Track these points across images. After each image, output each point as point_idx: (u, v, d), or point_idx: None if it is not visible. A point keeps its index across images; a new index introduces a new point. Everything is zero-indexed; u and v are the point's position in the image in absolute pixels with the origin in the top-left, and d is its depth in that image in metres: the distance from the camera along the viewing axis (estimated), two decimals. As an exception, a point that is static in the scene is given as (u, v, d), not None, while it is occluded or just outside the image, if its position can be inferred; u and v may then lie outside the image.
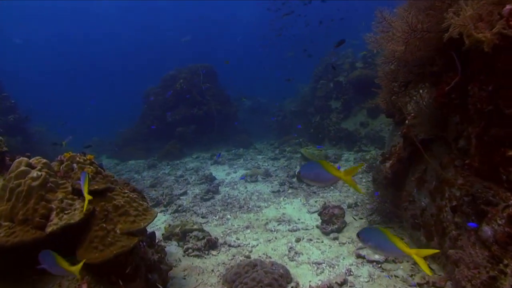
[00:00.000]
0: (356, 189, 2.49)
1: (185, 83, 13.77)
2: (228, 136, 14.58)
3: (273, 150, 12.75)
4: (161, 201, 7.73)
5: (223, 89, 15.27)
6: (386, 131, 10.60)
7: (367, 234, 2.38)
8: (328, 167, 2.32)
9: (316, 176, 2.37)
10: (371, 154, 9.58)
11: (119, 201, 3.13)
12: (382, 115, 11.16)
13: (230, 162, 11.41)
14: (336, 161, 9.75)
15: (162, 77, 14.84)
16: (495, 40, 2.20)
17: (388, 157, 5.78)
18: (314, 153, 10.15)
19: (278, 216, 6.24)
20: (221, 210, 6.92)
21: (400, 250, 2.17)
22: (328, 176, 2.31)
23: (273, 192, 7.71)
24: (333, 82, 13.41)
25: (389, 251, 2.27)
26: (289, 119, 16.03)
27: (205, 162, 11.94)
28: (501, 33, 2.18)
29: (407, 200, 4.75)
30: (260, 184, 8.49)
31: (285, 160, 10.84)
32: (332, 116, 12.55)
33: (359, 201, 6.42)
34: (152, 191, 9.03)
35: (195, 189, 8.82)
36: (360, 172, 8.28)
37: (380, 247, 2.27)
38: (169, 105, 13.89)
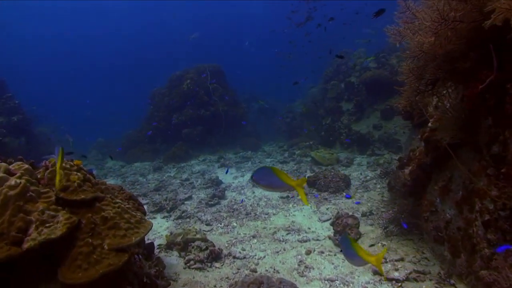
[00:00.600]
0: (304, 200, 2.59)
1: (192, 83, 13.49)
2: (236, 138, 14.26)
3: (282, 153, 12.39)
4: (165, 206, 7.42)
5: (231, 90, 14.94)
6: (401, 134, 10.19)
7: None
8: (280, 175, 2.42)
9: (269, 182, 2.48)
10: (385, 158, 9.17)
11: (109, 212, 2.81)
12: (396, 118, 10.74)
13: (237, 166, 11.07)
14: (348, 165, 9.35)
15: (169, 78, 14.59)
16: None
17: (406, 163, 5.39)
18: (325, 157, 9.76)
19: (287, 224, 5.89)
20: (226, 216, 6.58)
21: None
22: (280, 184, 2.42)
23: (281, 197, 7.35)
24: (344, 82, 13.01)
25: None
26: (299, 121, 15.65)
27: (211, 165, 11.63)
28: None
29: (428, 210, 4.36)
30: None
31: (295, 163, 10.47)
32: (344, 118, 12.15)
33: (374, 209, 6.03)
34: (156, 195, 8.74)
35: (200, 193, 8.51)
36: (375, 178, 7.89)
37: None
38: (175, 106, 13.62)
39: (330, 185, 7.31)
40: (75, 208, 2.78)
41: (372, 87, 11.33)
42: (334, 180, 7.35)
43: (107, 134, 19.65)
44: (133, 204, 3.81)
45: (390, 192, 6.29)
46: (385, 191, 6.86)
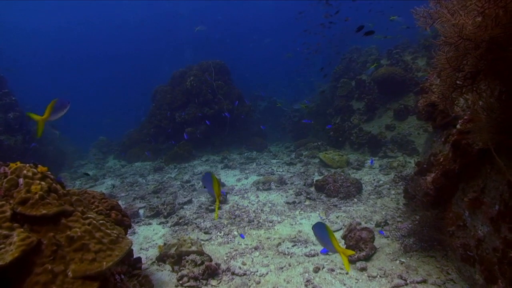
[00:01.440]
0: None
1: (196, 80, 13.02)
2: (240, 138, 13.79)
3: (288, 154, 11.89)
4: (162, 211, 6.97)
5: (236, 88, 14.45)
6: (416, 135, 9.64)
7: (317, 228, 2.84)
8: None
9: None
10: (399, 161, 8.63)
11: (76, 231, 2.34)
12: (410, 117, 10.19)
13: (241, 167, 10.59)
14: (359, 168, 8.82)
15: (172, 74, 14.15)
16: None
17: (426, 168, 4.87)
18: (335, 159, 9.24)
19: (293, 234, 5.39)
20: (227, 224, 6.11)
21: (333, 246, 2.66)
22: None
23: (287, 203, 6.86)
24: (355, 80, 12.46)
25: (328, 246, 2.74)
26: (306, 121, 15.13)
27: (215, 165, 11.16)
28: None
29: (454, 224, 3.84)
30: (274, 194, 7.64)
31: (302, 165, 9.95)
32: (354, 117, 11.60)
33: (389, 218, 5.51)
34: (154, 198, 8.30)
35: (201, 197, 8.05)
36: (388, 182, 7.35)
37: (322, 241, 2.80)
38: (178, 104, 13.17)
39: (340, 190, 6.80)
40: (37, 226, 2.32)
41: (385, 85, 10.77)
42: (344, 185, 6.84)
43: (110, 132, 19.32)
44: (115, 215, 3.34)
45: (407, 200, 5.78)
46: (400, 198, 6.33)
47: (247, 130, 14.04)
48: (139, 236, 6.16)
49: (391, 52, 12.56)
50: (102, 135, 17.95)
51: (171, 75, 14.15)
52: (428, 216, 4.17)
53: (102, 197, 3.55)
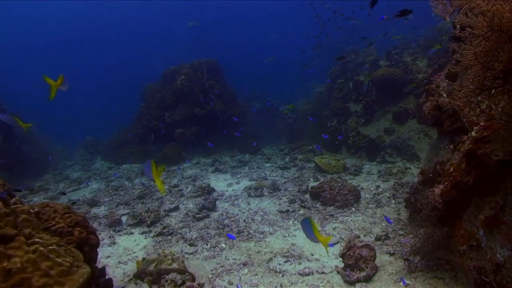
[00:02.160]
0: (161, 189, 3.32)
1: (187, 79, 12.57)
2: (233, 140, 13.35)
3: (283, 157, 11.47)
4: (145, 219, 6.52)
5: (229, 87, 14.01)
6: (416, 140, 9.28)
7: (303, 222, 3.21)
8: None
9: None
10: (398, 167, 8.25)
11: (16, 261, 1.90)
12: (410, 121, 9.84)
13: (233, 171, 10.15)
14: (356, 174, 8.42)
15: (162, 73, 13.68)
16: None
17: (432, 178, 4.48)
18: (331, 164, 8.84)
19: (286, 248, 4.97)
20: (215, 235, 5.67)
21: (315, 236, 3.06)
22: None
23: (280, 212, 6.44)
24: (352, 81, 12.08)
25: (311, 237, 3.11)
26: (301, 122, 14.72)
27: (205, 169, 10.71)
28: None
29: (466, 243, 3.45)
30: (266, 201, 7.22)
31: (296, 170, 9.54)
32: (351, 120, 11.22)
33: (390, 231, 5.10)
34: (139, 204, 7.85)
35: (189, 203, 7.61)
36: (388, 190, 6.96)
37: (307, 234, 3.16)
38: (168, 104, 12.69)
39: (336, 198, 6.39)
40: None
41: (384, 87, 10.40)
42: (342, 193, 6.44)
43: (101, 132, 18.76)
44: (79, 233, 2.90)
45: (410, 212, 5.39)
46: (401, 208, 5.95)
47: (239, 132, 13.60)
48: (119, 247, 5.71)
49: (390, 53, 12.21)
50: (90, 134, 17.43)
51: (162, 74, 13.68)
52: (436, 233, 3.77)
53: (66, 211, 3.11)
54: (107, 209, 7.86)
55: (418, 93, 9.91)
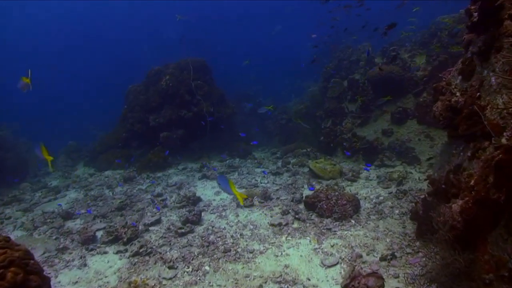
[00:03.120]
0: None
1: (172, 80, 11.89)
2: (222, 143, 12.74)
3: (275, 162, 10.87)
4: (122, 235, 5.88)
5: (218, 88, 13.36)
6: (416, 141, 8.75)
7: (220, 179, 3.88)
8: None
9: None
10: (399, 171, 7.69)
11: None
12: (409, 121, 9.31)
13: (221, 177, 9.53)
14: (354, 180, 7.85)
15: (147, 73, 13.00)
16: None
17: (445, 190, 3.91)
18: (326, 169, 8.27)
19: (278, 270, 4.38)
20: (198, 254, 5.06)
21: (232, 191, 3.67)
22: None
23: (272, 225, 5.83)
24: (347, 80, 11.52)
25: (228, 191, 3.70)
26: (294, 123, 14.14)
27: (192, 175, 10.08)
28: None
29: (493, 271, 2.89)
30: (256, 212, 6.61)
31: (290, 175, 8.96)
32: (347, 121, 10.66)
33: (396, 248, 4.53)
34: (118, 217, 7.22)
35: (172, 215, 6.99)
36: (390, 198, 6.40)
37: (224, 188, 3.76)
38: (153, 106, 12.01)
39: (334, 209, 5.81)
40: None
41: (381, 86, 9.85)
42: (339, 203, 5.85)
43: (84, 136, 18.00)
44: (13, 275, 2.28)
45: (415, 223, 4.82)
46: (406, 219, 5.39)
47: (230, 135, 12.98)
48: (89, 270, 5.08)
49: (386, 50, 11.69)
50: (73, 139, 16.67)
51: (146, 74, 12.99)
52: (456, 260, 3.19)
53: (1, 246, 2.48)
54: (82, 222, 7.21)
55: (417, 92, 9.38)
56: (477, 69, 3.73)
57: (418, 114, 9.05)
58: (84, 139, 17.09)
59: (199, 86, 12.17)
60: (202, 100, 11.91)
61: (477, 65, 3.72)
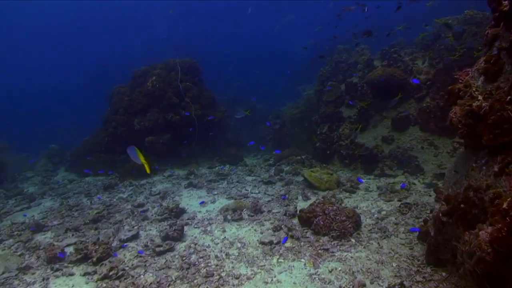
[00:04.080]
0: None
1: (159, 81, 11.27)
2: (212, 148, 12.12)
3: (267, 169, 10.27)
4: (92, 253, 5.23)
5: (208, 90, 12.75)
6: (419, 150, 8.21)
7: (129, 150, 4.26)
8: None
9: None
10: (402, 183, 7.13)
11: None
12: (412, 128, 8.77)
13: (209, 186, 8.91)
14: (353, 191, 7.27)
15: (133, 74, 12.36)
16: None
17: (463, 210, 3.33)
18: (323, 178, 7.68)
19: (268, 303, 3.76)
20: (176, 279, 4.42)
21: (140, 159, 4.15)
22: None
23: (262, 243, 5.22)
24: (345, 84, 10.98)
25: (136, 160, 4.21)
26: (288, 128, 13.58)
27: (178, 183, 9.44)
28: None
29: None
30: (245, 227, 5.99)
31: (283, 185, 8.37)
32: (344, 127, 10.09)
33: (404, 276, 3.93)
34: (91, 230, 6.56)
35: (152, 229, 6.35)
36: (393, 213, 5.83)
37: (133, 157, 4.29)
38: (138, 108, 11.36)
39: (332, 226, 5.20)
40: None
41: (381, 89, 9.30)
42: (338, 219, 5.25)
43: (69, 140, 17.21)
44: None
45: (424, 244, 4.24)
46: (413, 239, 4.81)
47: (220, 139, 12.37)
48: (50, 296, 4.42)
49: (386, 52, 11.17)
50: (57, 142, 15.92)
51: (132, 74, 12.36)
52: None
53: None
54: (52, 236, 6.54)
55: (420, 97, 8.85)
56: (505, 68, 3.17)
57: (421, 120, 8.51)
58: (69, 142, 16.35)
59: (188, 88, 11.57)
60: (191, 103, 11.29)
61: (506, 63, 3.16)
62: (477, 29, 9.01)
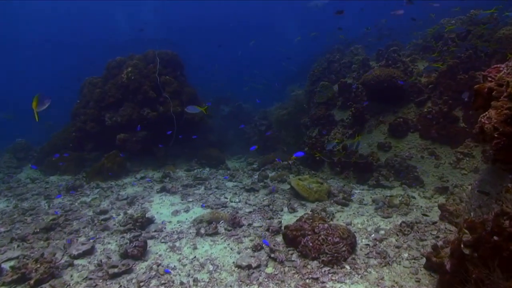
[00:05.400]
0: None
1: (135, 72, 10.33)
2: (192, 149, 11.24)
3: (250, 174, 9.43)
4: (31, 274, 4.32)
5: (189, 86, 11.86)
6: (419, 159, 7.50)
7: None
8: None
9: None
10: (401, 196, 6.40)
11: None
12: (411, 134, 8.06)
13: (185, 191, 8.04)
14: (345, 204, 6.49)
15: (107, 64, 11.39)
16: None
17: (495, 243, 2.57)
18: (312, 188, 6.88)
19: None
20: (127, 313, 3.56)
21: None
22: None
23: (239, 267, 4.38)
24: (338, 84, 10.24)
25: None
26: (275, 131, 12.77)
27: (150, 187, 8.54)
28: None
29: None
30: (220, 244, 5.15)
31: (267, 193, 7.55)
32: (336, 131, 9.34)
33: (412, 321, 3.15)
34: (41, 242, 5.62)
35: (111, 242, 5.47)
36: (392, 233, 5.06)
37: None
38: (110, 102, 10.39)
39: (323, 249, 4.40)
40: None
41: (378, 91, 8.57)
42: (330, 240, 4.45)
43: (39, 134, 16.04)
44: None
45: (431, 274, 3.47)
46: (419, 267, 4.04)
47: (201, 139, 11.48)
48: (-36, 332, 3.51)
49: (382, 53, 10.49)
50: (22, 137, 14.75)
51: (106, 65, 11.38)
52: None
53: None
54: (-6, 247, 5.59)
55: (421, 101, 8.14)
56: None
57: (421, 127, 7.80)
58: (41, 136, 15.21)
59: (167, 82, 10.67)
60: (170, 98, 10.39)
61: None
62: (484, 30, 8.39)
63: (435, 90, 8.04)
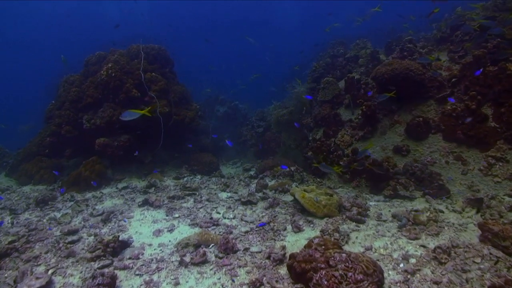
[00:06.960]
0: None
1: (116, 69, 9.28)
2: (182, 154, 10.22)
3: (247, 183, 8.40)
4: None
5: (179, 84, 10.84)
6: (443, 164, 6.51)
7: None
8: None
9: None
10: (428, 210, 5.39)
11: None
12: (432, 136, 7.05)
13: (171, 204, 7.01)
14: (360, 220, 5.48)
15: (85, 60, 10.34)
16: None
17: None
18: (320, 201, 5.86)
19: None
20: None
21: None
22: None
23: (231, 314, 3.37)
24: (345, 80, 9.24)
25: None
26: (273, 133, 11.78)
27: (131, 199, 7.51)
28: None
29: None
30: (209, 278, 4.12)
31: (266, 207, 6.53)
32: (344, 133, 8.34)
33: None
34: (-14, 274, 4.59)
35: (74, 274, 4.44)
36: (424, 261, 4.05)
37: None
38: (88, 102, 9.33)
39: (341, 288, 3.38)
40: None
41: (392, 86, 7.56)
42: (351, 278, 3.44)
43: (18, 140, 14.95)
44: None
45: None
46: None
47: (193, 143, 10.46)
48: None
49: (390, 45, 9.51)
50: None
51: (85, 61, 10.33)
52: None
53: None
54: None
55: (442, 97, 7.15)
56: None
57: (445, 127, 6.80)
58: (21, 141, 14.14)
59: (154, 79, 9.63)
60: (156, 97, 9.36)
61: None
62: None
63: (458, 84, 7.06)
